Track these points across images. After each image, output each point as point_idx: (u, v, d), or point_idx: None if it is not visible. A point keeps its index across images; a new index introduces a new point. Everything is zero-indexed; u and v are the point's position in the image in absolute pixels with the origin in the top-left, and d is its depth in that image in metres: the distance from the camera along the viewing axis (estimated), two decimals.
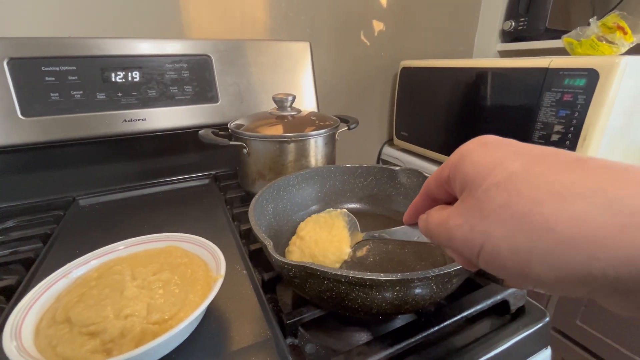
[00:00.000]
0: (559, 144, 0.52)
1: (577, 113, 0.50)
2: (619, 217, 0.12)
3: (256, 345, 0.28)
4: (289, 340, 0.30)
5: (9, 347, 0.23)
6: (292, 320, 0.29)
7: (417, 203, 0.22)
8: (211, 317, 0.30)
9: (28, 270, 0.37)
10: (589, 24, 0.64)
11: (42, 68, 0.50)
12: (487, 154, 0.16)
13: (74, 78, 0.52)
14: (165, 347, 0.26)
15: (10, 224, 0.47)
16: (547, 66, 0.54)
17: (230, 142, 0.50)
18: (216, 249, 0.32)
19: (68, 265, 0.31)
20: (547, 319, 0.33)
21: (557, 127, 0.52)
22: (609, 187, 0.12)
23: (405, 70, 0.85)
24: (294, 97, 0.54)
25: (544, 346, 0.34)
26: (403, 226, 0.24)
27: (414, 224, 0.23)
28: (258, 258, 0.39)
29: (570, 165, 0.14)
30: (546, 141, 0.54)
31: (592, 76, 0.49)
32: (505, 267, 0.15)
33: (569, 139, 0.51)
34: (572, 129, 0.51)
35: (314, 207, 0.46)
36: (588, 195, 0.12)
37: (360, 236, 0.33)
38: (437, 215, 0.19)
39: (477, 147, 0.17)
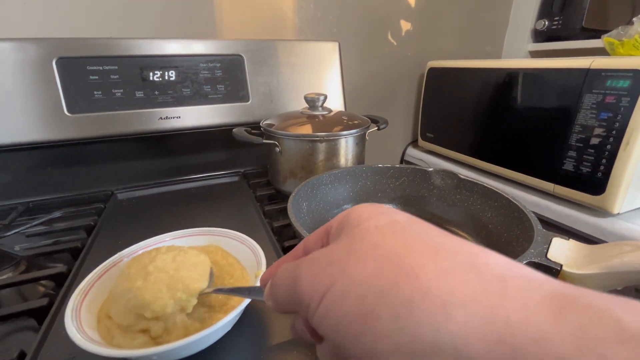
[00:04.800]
0: (599, 147, 0.51)
1: (619, 116, 0.48)
2: (483, 279, 0.11)
3: (296, 340, 0.28)
4: None
5: (71, 329, 0.24)
6: None
7: (284, 260, 0.19)
8: (252, 312, 0.31)
9: (76, 259, 0.39)
10: (631, 23, 0.62)
11: (87, 67, 0.52)
12: (378, 207, 0.16)
13: (115, 77, 0.54)
14: (210, 339, 0.27)
15: (56, 214, 0.50)
16: (588, 67, 0.52)
17: (264, 141, 0.51)
18: (256, 245, 0.33)
19: (119, 254, 0.32)
20: None
21: (598, 130, 0.51)
22: (480, 253, 0.13)
23: (433, 71, 0.84)
24: (325, 97, 0.55)
25: None
26: (257, 287, 0.22)
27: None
28: None
29: (449, 234, 0.14)
30: (585, 144, 0.52)
31: (637, 77, 0.47)
32: (345, 322, 0.12)
33: (610, 142, 0.49)
34: (614, 132, 0.49)
35: (345, 206, 0.47)
36: (460, 254, 0.12)
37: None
38: (293, 262, 0.16)
39: (370, 205, 0.17)
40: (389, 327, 0.11)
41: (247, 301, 0.27)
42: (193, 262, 0.28)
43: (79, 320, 0.25)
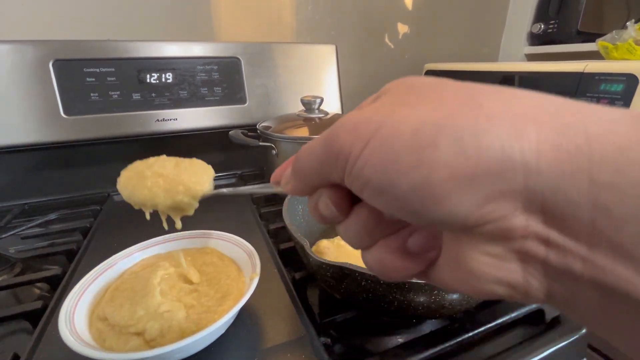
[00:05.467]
0: None
1: None
2: (555, 103, 0.11)
3: (291, 343, 0.28)
4: (322, 339, 0.30)
5: (65, 332, 0.24)
6: (326, 320, 0.30)
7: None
8: (246, 314, 0.31)
9: (71, 262, 0.39)
10: (625, 27, 0.62)
11: (84, 69, 0.53)
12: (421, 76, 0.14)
13: (112, 79, 0.54)
14: (205, 341, 0.27)
15: (52, 216, 0.50)
16: (582, 70, 0.52)
17: (260, 143, 0.51)
18: (251, 248, 0.33)
19: (113, 256, 0.32)
20: (584, 330, 0.32)
21: None
22: (546, 94, 0.12)
23: (430, 74, 0.84)
24: (322, 100, 0.55)
25: (580, 358, 0.33)
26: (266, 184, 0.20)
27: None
28: (288, 257, 0.40)
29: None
30: None
31: (630, 81, 0.47)
32: (395, 158, 0.11)
33: None
34: None
35: None
36: (522, 90, 0.11)
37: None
38: None
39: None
40: (447, 153, 0.10)
41: (242, 303, 0.27)
42: (196, 169, 0.27)
43: (72, 323, 0.25)
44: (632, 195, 0.09)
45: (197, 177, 0.26)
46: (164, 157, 0.28)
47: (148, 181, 0.25)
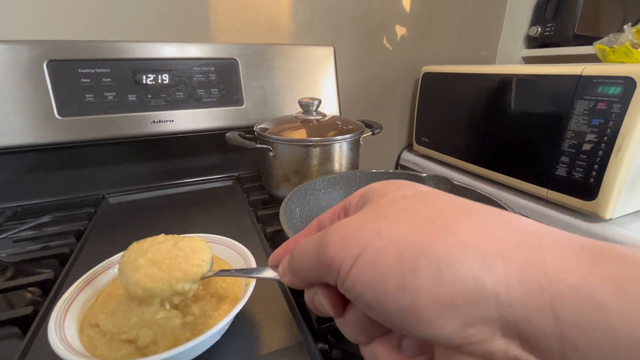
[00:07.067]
0: (591, 153, 0.51)
1: (611, 122, 0.49)
2: (519, 233, 0.12)
3: (288, 349, 0.28)
4: (320, 345, 0.29)
5: (54, 339, 0.23)
6: (323, 326, 0.29)
7: (297, 238, 0.19)
8: (242, 320, 0.31)
9: (64, 266, 0.39)
10: (622, 31, 0.63)
11: (79, 70, 0.52)
12: (400, 181, 0.16)
13: (107, 80, 0.54)
14: (199, 348, 0.27)
15: (45, 219, 0.49)
16: (580, 73, 0.52)
17: (257, 145, 0.50)
18: (248, 252, 0.32)
19: (106, 261, 0.32)
20: None
21: (590, 137, 0.51)
22: (511, 213, 0.13)
23: (427, 76, 0.84)
24: (320, 102, 0.55)
25: None
26: (265, 267, 0.21)
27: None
28: None
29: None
30: (577, 150, 0.53)
31: (628, 84, 0.47)
32: (382, 280, 0.12)
33: (602, 148, 0.50)
34: (605, 138, 0.49)
35: None
36: (492, 213, 0.13)
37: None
38: (317, 234, 0.15)
39: (390, 180, 0.17)
40: (429, 281, 0.11)
41: (238, 308, 0.26)
42: (195, 247, 0.27)
43: (62, 330, 0.25)
44: (591, 333, 0.09)
45: (195, 258, 0.26)
46: (161, 237, 0.27)
47: (140, 274, 0.24)
